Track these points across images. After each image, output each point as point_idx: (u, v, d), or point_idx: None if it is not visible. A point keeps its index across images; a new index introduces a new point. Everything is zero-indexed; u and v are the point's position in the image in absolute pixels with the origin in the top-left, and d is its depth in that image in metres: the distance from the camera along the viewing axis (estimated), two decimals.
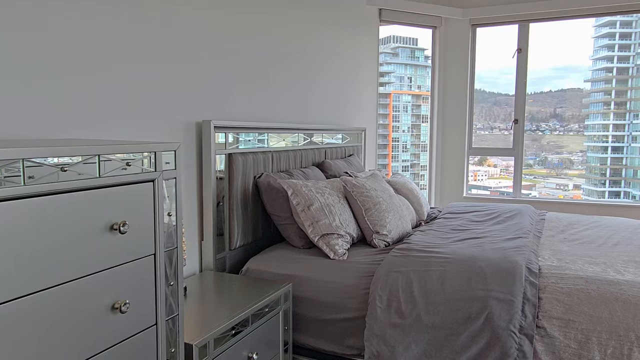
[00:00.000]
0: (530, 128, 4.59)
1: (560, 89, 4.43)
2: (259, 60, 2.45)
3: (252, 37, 2.37)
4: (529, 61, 4.31)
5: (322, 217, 2.13)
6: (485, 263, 1.82)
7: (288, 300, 1.87)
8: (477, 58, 4.54)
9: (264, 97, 2.52)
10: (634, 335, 1.51)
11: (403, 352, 1.71)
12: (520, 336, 1.60)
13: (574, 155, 4.43)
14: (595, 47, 4.16)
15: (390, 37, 5.07)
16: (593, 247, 2.24)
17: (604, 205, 4.09)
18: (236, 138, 2.19)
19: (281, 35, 2.65)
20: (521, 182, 4.46)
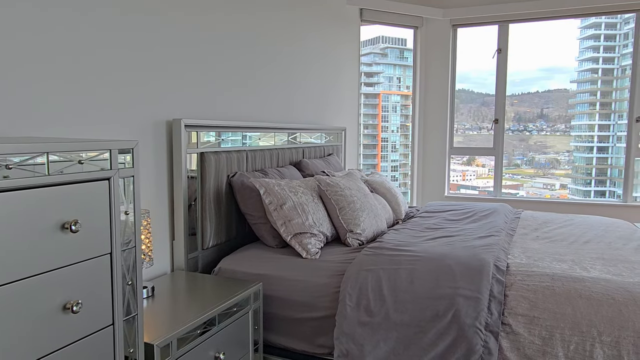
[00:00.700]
0: (518, 128, 4.63)
1: (546, 89, 4.48)
2: (237, 59, 2.44)
3: (230, 36, 2.36)
4: (514, 62, 4.35)
5: (295, 216, 2.13)
6: (454, 261, 1.83)
7: (258, 299, 1.86)
8: (464, 59, 4.57)
9: (242, 96, 2.51)
10: (596, 331, 1.53)
11: (372, 350, 1.72)
12: (486, 333, 1.61)
13: (561, 155, 4.48)
14: (580, 48, 4.21)
15: (379, 37, 5.09)
16: (564, 244, 2.27)
17: (584, 204, 4.15)
18: (218, 137, 2.20)
19: (261, 34, 2.64)
20: (501, 181, 4.50)
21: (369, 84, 5.21)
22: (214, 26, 2.27)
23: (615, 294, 1.60)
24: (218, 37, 2.30)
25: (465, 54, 4.55)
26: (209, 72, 2.25)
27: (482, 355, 1.59)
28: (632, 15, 4.02)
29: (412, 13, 4.26)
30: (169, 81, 2.00)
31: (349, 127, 4.00)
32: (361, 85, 5.14)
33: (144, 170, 1.88)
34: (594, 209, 4.08)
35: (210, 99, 2.27)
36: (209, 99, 2.27)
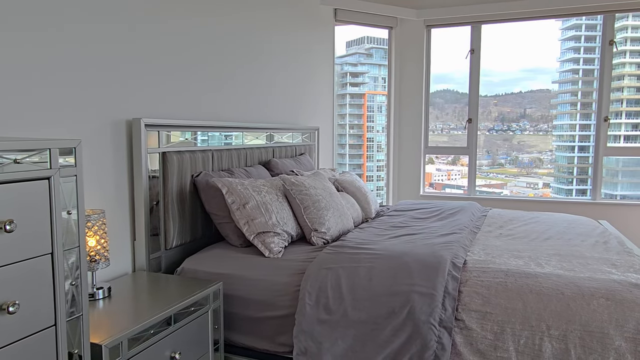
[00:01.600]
0: (502, 128, 4.70)
1: (529, 90, 4.54)
2: (206, 58, 2.43)
3: (200, 35, 2.35)
4: (497, 62, 4.43)
5: (258, 216, 2.13)
6: (412, 258, 1.85)
7: (218, 299, 1.86)
8: (443, 59, 4.61)
9: (211, 95, 2.50)
10: (545, 325, 1.57)
11: (330, 348, 1.73)
12: (439, 329, 1.63)
13: (544, 155, 4.55)
14: (562, 49, 4.27)
15: (364, 37, 5.12)
16: (525, 241, 2.31)
17: (554, 202, 4.22)
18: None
19: (232, 33, 2.64)
20: (475, 179, 4.55)
21: (355, 84, 5.23)
22: (182, 25, 2.26)
23: (565, 289, 1.64)
24: (187, 36, 2.29)
25: (445, 55, 4.59)
26: (176, 72, 2.24)
27: (435, 350, 1.61)
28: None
29: (386, 13, 4.29)
30: (132, 80, 1.99)
31: (323, 126, 4.02)
32: (346, 86, 5.16)
33: (102, 170, 1.87)
34: (564, 206, 4.15)
35: (176, 98, 2.26)
36: (175, 98, 2.26)
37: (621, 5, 3.89)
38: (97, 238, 1.65)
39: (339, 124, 5.21)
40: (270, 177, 2.75)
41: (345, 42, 5.31)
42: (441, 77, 4.59)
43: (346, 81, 5.16)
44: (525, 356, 1.56)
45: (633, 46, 4.04)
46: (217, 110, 2.60)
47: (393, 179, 4.70)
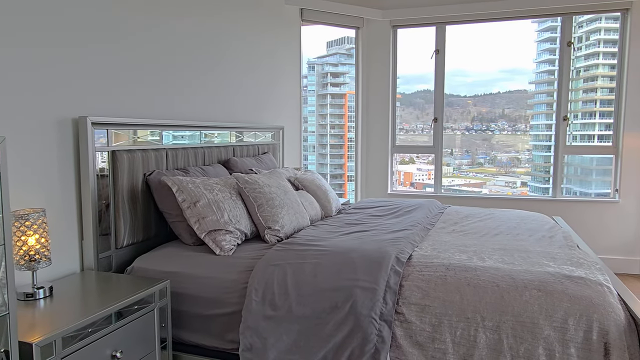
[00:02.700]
0: (481, 128, 4.78)
1: (507, 90, 4.63)
2: (163, 56, 2.42)
3: (157, 31, 2.34)
4: (475, 63, 4.49)
5: (209, 214, 2.14)
6: (358, 254, 1.88)
7: (165, 297, 1.86)
8: (416, 59, 4.67)
9: (169, 94, 2.50)
10: (480, 317, 1.62)
11: (274, 344, 1.75)
12: (380, 322, 1.67)
13: (521, 154, 4.64)
14: (538, 50, 4.36)
15: (344, 38, 5.15)
16: (475, 237, 2.37)
17: (518, 200, 4.32)
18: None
19: (193, 31, 2.63)
20: (441, 177, 4.63)
21: (335, 84, 5.26)
22: (140, 23, 2.25)
23: (500, 281, 1.69)
24: (145, 35, 2.28)
25: (420, 55, 4.64)
26: (132, 70, 2.23)
27: (376, 344, 1.64)
28: (584, 19, 4.21)
29: (351, 13, 4.33)
30: (81, 79, 1.97)
31: (290, 126, 4.03)
32: (327, 86, 5.18)
33: (46, 169, 1.85)
34: (527, 204, 4.25)
35: (130, 97, 2.25)
36: (129, 97, 2.25)
37: (578, 7, 4.00)
38: (37, 237, 1.64)
39: (320, 124, 5.23)
40: (229, 175, 2.76)
41: (325, 42, 5.33)
42: (421, 77, 4.64)
43: (327, 81, 5.18)
44: (461, 347, 1.61)
45: (606, 48, 4.14)
46: (174, 109, 2.59)
47: (361, 178, 4.75)
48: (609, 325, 1.50)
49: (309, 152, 5.40)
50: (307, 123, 5.20)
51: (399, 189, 4.87)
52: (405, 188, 4.94)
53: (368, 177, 4.75)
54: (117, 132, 2.12)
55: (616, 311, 1.54)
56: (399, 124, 4.82)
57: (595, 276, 1.73)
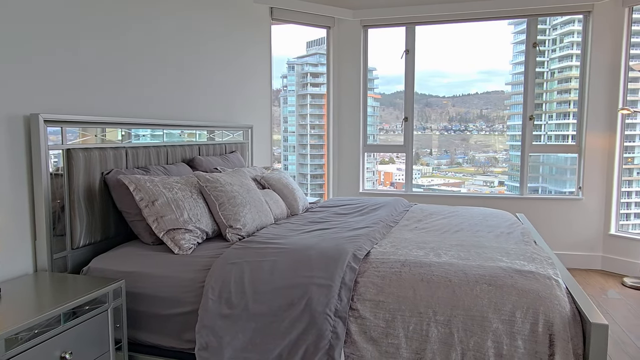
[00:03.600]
0: (459, 128, 4.83)
1: (485, 91, 4.70)
2: (126, 53, 2.38)
3: (122, 28, 2.30)
4: (454, 64, 4.54)
5: (168, 212, 2.12)
6: (315, 252, 1.89)
7: (120, 297, 1.84)
8: (390, 59, 4.71)
9: (130, 91, 2.46)
10: (432, 312, 1.64)
11: (230, 342, 1.74)
12: (335, 319, 1.68)
13: (499, 154, 4.70)
14: (514, 52, 4.43)
15: (324, 38, 5.14)
16: (436, 234, 2.40)
17: (488, 198, 4.40)
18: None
19: (160, 29, 2.59)
20: (412, 176, 4.68)
21: (315, 84, 5.26)
22: (103, 21, 2.21)
23: (453, 276, 1.72)
24: (110, 32, 2.24)
25: (397, 56, 4.66)
26: (93, 68, 2.19)
27: (330, 340, 1.65)
28: (558, 22, 4.31)
29: (322, 13, 4.35)
30: (33, 75, 1.93)
31: (259, 125, 4.02)
32: (307, 86, 5.17)
33: None
34: (493, 202, 4.33)
35: (89, 93, 2.21)
36: (88, 93, 2.21)
37: (543, 9, 4.10)
38: None
39: (300, 124, 5.22)
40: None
41: (305, 42, 5.33)
42: (401, 78, 4.66)
43: (307, 81, 5.18)
44: (414, 341, 1.63)
45: (579, 50, 4.23)
46: (137, 107, 2.56)
47: (333, 177, 4.76)
48: (554, 317, 1.54)
49: (289, 152, 5.39)
50: (287, 123, 5.19)
51: (372, 187, 4.90)
52: (382, 187, 4.97)
53: (340, 176, 4.77)
54: (73, 130, 2.08)
55: (562, 304, 1.58)
56: (379, 124, 4.86)
57: (545, 270, 1.77)
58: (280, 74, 5.12)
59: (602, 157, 4.09)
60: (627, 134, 4.05)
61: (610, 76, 4.00)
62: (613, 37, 3.96)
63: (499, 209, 4.33)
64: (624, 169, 4.07)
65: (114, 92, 2.41)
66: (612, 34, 3.96)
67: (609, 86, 4.01)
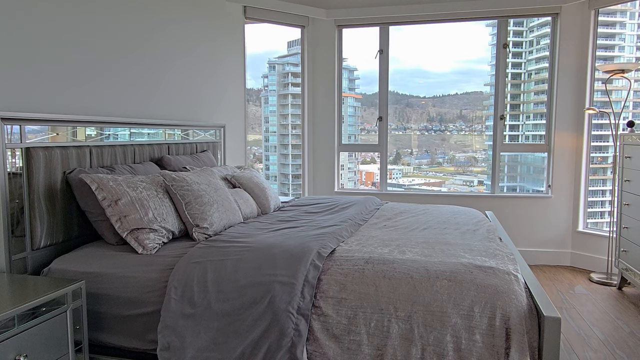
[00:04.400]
0: (440, 129, 4.87)
1: (465, 92, 4.74)
2: (94, 49, 2.34)
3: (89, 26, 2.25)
4: (433, 64, 4.58)
5: (132, 212, 2.09)
6: (280, 250, 1.89)
7: (80, 298, 1.80)
8: (368, 59, 4.73)
9: (97, 88, 2.41)
10: (393, 308, 1.65)
11: (192, 342, 1.73)
12: (297, 316, 1.68)
13: (478, 154, 4.75)
14: (492, 53, 4.49)
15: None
16: (404, 231, 2.42)
17: (461, 196, 4.46)
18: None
19: (125, 21, 2.55)
20: (387, 175, 4.71)
21: (296, 84, 5.24)
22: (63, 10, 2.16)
23: (415, 273, 1.74)
24: (71, 24, 2.19)
25: (371, 55, 4.70)
26: (53, 63, 2.15)
27: (292, 338, 1.65)
28: (535, 24, 4.38)
29: (296, 12, 4.34)
30: None
31: (233, 124, 4.00)
32: (288, 86, 5.15)
33: None
34: (466, 200, 4.40)
35: (52, 91, 2.16)
36: (51, 91, 2.16)
37: (512, 11, 4.17)
38: None
39: (282, 124, 5.20)
40: None
41: (286, 42, 5.31)
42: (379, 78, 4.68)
43: (288, 81, 5.16)
44: (376, 338, 1.64)
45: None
46: (103, 105, 2.51)
47: (308, 176, 4.77)
48: (510, 311, 1.57)
49: (271, 152, 5.37)
50: (268, 123, 5.18)
51: (354, 187, 4.92)
52: (364, 187, 4.99)
53: (315, 175, 4.78)
54: (34, 129, 2.03)
55: (519, 298, 1.61)
56: (361, 124, 4.88)
57: (505, 266, 1.80)
58: (261, 74, 5.10)
59: (570, 156, 4.19)
60: (597, 134, 4.15)
61: (577, 77, 4.10)
62: (580, 39, 4.06)
63: (471, 207, 4.39)
64: (594, 167, 4.18)
65: (81, 91, 2.36)
66: (579, 36, 4.06)
67: (576, 87, 4.11)
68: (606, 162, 4.23)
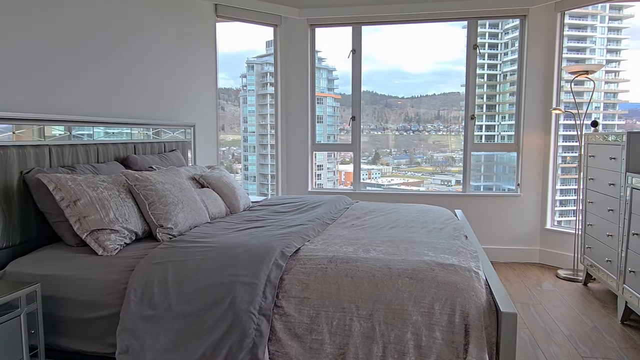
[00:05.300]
0: (418, 129, 4.89)
1: (442, 92, 4.77)
2: (52, 43, 2.27)
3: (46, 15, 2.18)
4: (412, 65, 4.59)
5: (92, 212, 2.04)
6: (243, 249, 1.87)
7: (35, 301, 1.75)
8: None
9: (57, 86, 2.34)
10: (355, 306, 1.65)
11: (152, 344, 1.69)
12: (259, 317, 1.66)
13: (456, 154, 4.79)
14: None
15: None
16: (371, 230, 2.43)
17: (435, 195, 4.50)
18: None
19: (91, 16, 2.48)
20: (360, 175, 4.73)
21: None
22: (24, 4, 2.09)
23: (377, 271, 1.74)
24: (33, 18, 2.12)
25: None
26: (11, 58, 2.08)
27: (254, 338, 1.63)
28: (510, 26, 4.43)
29: (268, 11, 4.32)
30: None
31: (204, 123, 3.95)
32: (267, 86, 5.10)
33: None
34: (438, 199, 4.44)
35: (10, 88, 2.10)
36: (8, 87, 2.09)
37: (482, 12, 4.24)
38: None
39: (260, 124, 5.15)
40: None
41: (265, 41, 5.27)
42: (361, 79, 4.65)
43: (267, 81, 5.12)
44: (337, 337, 1.63)
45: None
46: (64, 103, 2.45)
47: (282, 176, 4.75)
48: (469, 308, 1.59)
49: (250, 152, 5.33)
50: (247, 123, 5.13)
51: (333, 187, 4.91)
52: (342, 187, 4.98)
53: (289, 175, 4.76)
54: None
55: (478, 295, 1.63)
56: (339, 124, 4.87)
57: (467, 263, 1.82)
58: (240, 74, 5.06)
59: (539, 155, 4.27)
60: (569, 135, 4.25)
61: (545, 78, 4.18)
62: (547, 41, 4.14)
63: (444, 206, 4.44)
64: (564, 167, 4.27)
65: (48, 90, 2.29)
66: (546, 38, 4.14)
67: (544, 87, 4.19)
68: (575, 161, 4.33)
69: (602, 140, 3.25)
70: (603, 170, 3.24)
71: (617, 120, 4.27)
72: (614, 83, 4.22)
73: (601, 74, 4.17)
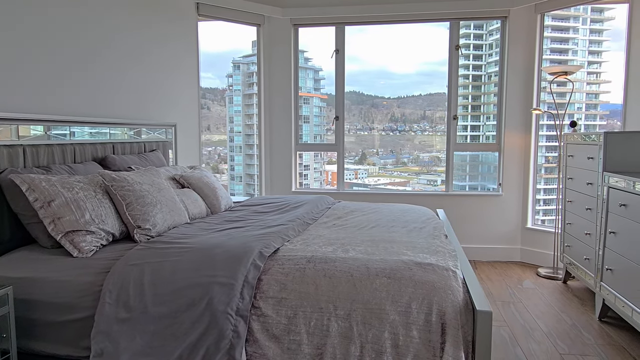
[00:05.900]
0: (405, 129, 4.90)
1: (428, 93, 4.78)
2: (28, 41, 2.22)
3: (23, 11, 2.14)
4: (398, 65, 4.60)
5: (67, 213, 2.00)
6: (221, 250, 1.85)
7: (6, 305, 1.71)
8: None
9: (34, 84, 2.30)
10: (332, 306, 1.65)
11: (127, 347, 1.67)
12: (236, 318, 1.65)
13: (441, 153, 4.80)
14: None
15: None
16: (351, 230, 2.42)
17: (417, 195, 4.52)
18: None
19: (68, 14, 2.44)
20: (344, 174, 4.73)
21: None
22: None
23: (355, 271, 1.74)
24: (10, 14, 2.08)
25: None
26: None
27: (231, 339, 1.62)
28: (494, 28, 4.46)
29: (251, 10, 4.30)
30: None
31: (186, 123, 3.91)
32: (253, 86, 5.06)
33: None
34: (420, 199, 4.47)
35: None
36: None
37: (464, 13, 4.27)
38: None
39: (247, 124, 5.12)
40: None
41: (251, 41, 5.23)
42: (347, 79, 4.65)
43: (253, 81, 5.09)
44: (315, 337, 1.63)
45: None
46: (41, 101, 2.40)
47: (265, 176, 4.73)
48: (446, 306, 1.59)
49: (236, 152, 5.29)
50: (233, 123, 5.09)
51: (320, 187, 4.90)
52: (329, 187, 4.97)
53: (272, 175, 4.74)
54: None
55: (455, 293, 1.64)
56: (326, 124, 4.86)
57: (445, 262, 1.83)
58: (226, 73, 5.02)
59: (520, 155, 4.32)
60: (551, 135, 4.30)
61: (525, 78, 4.23)
62: (528, 42, 4.19)
63: (427, 206, 4.47)
64: (546, 167, 4.33)
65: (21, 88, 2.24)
66: (526, 39, 4.19)
67: (524, 88, 4.24)
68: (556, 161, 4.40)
69: (581, 140, 3.30)
70: (581, 170, 3.29)
71: (598, 120, 4.34)
72: (596, 84, 4.28)
73: (583, 75, 4.24)
